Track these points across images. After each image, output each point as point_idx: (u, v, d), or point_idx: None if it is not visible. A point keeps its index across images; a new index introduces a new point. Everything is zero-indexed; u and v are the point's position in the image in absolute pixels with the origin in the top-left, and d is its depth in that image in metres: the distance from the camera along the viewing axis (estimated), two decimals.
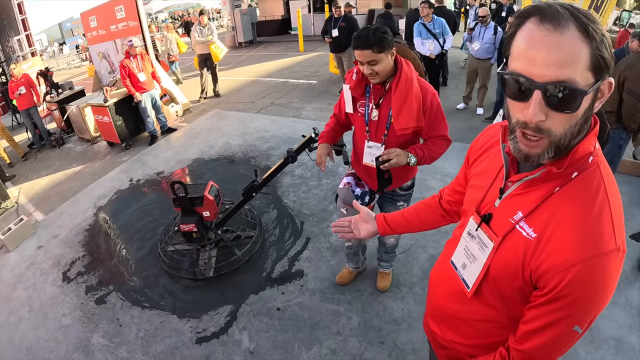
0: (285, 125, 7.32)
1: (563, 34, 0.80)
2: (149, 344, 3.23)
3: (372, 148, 2.55)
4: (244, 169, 5.82)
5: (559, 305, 0.93)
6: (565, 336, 0.98)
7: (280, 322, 3.24)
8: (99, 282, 3.98)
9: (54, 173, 7.01)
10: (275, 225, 4.45)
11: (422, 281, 3.44)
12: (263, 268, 3.83)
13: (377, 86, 2.39)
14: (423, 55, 6.70)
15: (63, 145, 8.34)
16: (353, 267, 3.48)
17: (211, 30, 9.32)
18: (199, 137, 7.36)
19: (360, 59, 2.20)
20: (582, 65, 0.81)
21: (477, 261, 1.14)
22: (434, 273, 1.46)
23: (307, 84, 10.06)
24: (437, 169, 5.12)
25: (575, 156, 0.94)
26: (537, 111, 0.85)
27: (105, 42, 9.26)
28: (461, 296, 1.22)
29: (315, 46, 14.56)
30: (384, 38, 2.14)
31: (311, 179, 5.25)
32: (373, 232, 1.69)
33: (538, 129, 0.88)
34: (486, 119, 6.73)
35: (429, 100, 2.32)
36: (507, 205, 1.08)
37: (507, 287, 1.07)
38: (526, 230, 1.00)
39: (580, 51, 0.80)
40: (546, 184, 0.99)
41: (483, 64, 6.88)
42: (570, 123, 0.87)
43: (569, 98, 0.82)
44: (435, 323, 1.39)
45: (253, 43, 17.63)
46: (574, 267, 0.89)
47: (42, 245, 4.76)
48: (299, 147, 3.31)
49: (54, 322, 3.59)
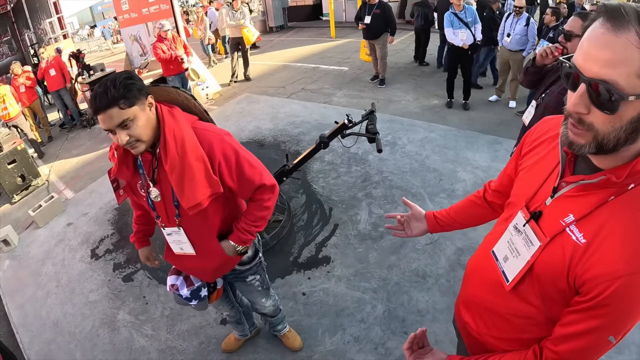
0: (316, 111, 7.31)
1: (618, 35, 0.79)
2: (174, 322, 3.31)
3: (172, 235, 1.97)
4: (274, 153, 5.85)
5: (599, 313, 0.94)
6: (599, 344, 0.99)
7: (305, 307, 3.28)
8: (127, 260, 4.08)
9: (84, 153, 7.20)
10: (304, 210, 4.47)
11: (449, 273, 3.42)
12: (290, 252, 3.87)
13: (146, 156, 1.75)
14: (456, 45, 6.60)
15: (94, 126, 8.56)
16: (239, 334, 2.99)
17: (243, 14, 9.33)
18: (230, 120, 7.41)
19: (108, 126, 1.55)
20: (630, 70, 0.79)
21: (521, 257, 1.14)
22: (472, 262, 1.45)
23: (339, 70, 9.98)
24: (467, 161, 5.06)
25: (636, 168, 0.92)
26: (578, 102, 0.87)
27: (136, 25, 9.37)
28: (499, 289, 1.22)
29: (346, 32, 14.40)
30: (130, 85, 1.54)
31: (341, 166, 5.24)
32: (424, 230, 1.70)
33: (580, 121, 0.89)
34: (519, 112, 6.56)
35: (220, 152, 1.74)
36: (559, 205, 1.07)
37: (550, 288, 1.06)
38: (576, 234, 1.00)
39: (631, 55, 0.78)
40: (602, 191, 0.98)
41: (515, 56, 6.67)
42: (614, 126, 0.85)
43: (608, 98, 0.82)
44: (470, 314, 1.39)
45: (284, 28, 17.55)
46: (620, 279, 0.89)
47: (71, 223, 4.90)
48: (331, 133, 3.31)
49: (81, 298, 3.70)
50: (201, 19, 11.82)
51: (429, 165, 5.07)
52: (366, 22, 7.97)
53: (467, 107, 6.96)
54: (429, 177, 4.79)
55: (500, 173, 1.50)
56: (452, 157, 5.21)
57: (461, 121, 6.45)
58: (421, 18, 9.19)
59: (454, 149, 5.44)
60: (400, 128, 6.19)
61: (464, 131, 5.99)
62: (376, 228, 4.04)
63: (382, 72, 8.45)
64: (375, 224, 4.10)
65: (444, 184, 4.64)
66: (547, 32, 6.16)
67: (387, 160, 5.25)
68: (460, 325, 1.48)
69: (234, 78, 9.82)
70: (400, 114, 6.86)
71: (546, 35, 6.15)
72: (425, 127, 6.17)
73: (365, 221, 4.15)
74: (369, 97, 7.84)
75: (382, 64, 8.35)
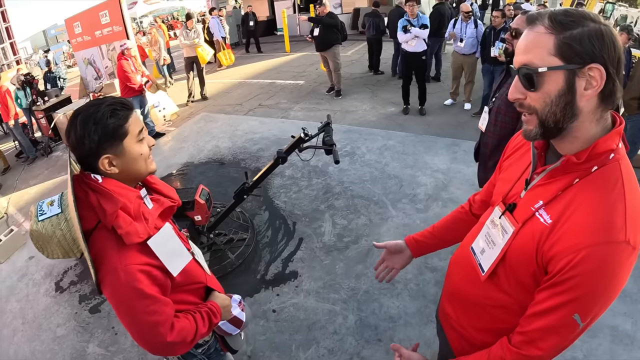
0: (274, 127, 7.30)
1: (533, 28, 0.99)
2: (145, 352, 3.19)
3: None
4: (234, 171, 5.79)
5: (564, 288, 0.98)
6: (566, 323, 1.01)
7: (277, 323, 3.22)
8: (92, 290, 3.93)
9: (42, 182, 6.92)
10: (268, 226, 4.43)
11: (417, 277, 3.44)
12: (257, 270, 3.81)
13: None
14: (409, 52, 6.77)
15: (51, 154, 8.24)
16: None
17: (197, 33, 9.27)
18: (188, 140, 7.31)
19: None
20: (543, 51, 0.96)
21: (496, 246, 1.20)
22: (453, 259, 1.51)
23: (295, 84, 10.04)
24: (427, 165, 5.17)
25: (596, 150, 1.01)
26: (514, 90, 1.04)
27: (90, 48, 9.16)
28: (476, 279, 1.27)
29: (301, 46, 14.52)
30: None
31: (301, 179, 5.23)
32: (408, 257, 1.72)
33: (521, 106, 1.05)
34: (474, 114, 6.75)
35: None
36: (531, 195, 1.14)
37: (522, 273, 1.12)
38: (544, 217, 1.06)
39: (542, 40, 0.96)
40: (567, 176, 1.06)
41: (468, 59, 6.93)
42: (546, 101, 0.99)
43: (529, 76, 0.99)
44: (451, 306, 1.44)
45: (239, 45, 17.53)
46: (583, 250, 0.94)
47: (33, 256, 4.70)
48: (288, 147, 3.30)
49: (48, 334, 3.54)
50: (155, 40, 11.67)
51: (389, 172, 5.13)
52: (315, 35, 8.08)
53: (423, 113, 7.11)
54: (390, 184, 4.84)
55: (486, 185, 1.56)
56: (411, 163, 5.29)
57: (418, 126, 6.57)
58: (373, 28, 9.41)
59: (412, 154, 5.52)
60: (358, 138, 6.25)
61: (422, 136, 6.11)
62: (341, 239, 4.04)
63: (337, 84, 8.55)
64: (340, 234, 4.10)
65: (405, 189, 4.70)
66: (498, 34, 6.39)
67: (348, 171, 5.28)
68: (442, 318, 1.53)
69: (191, 98, 9.70)
70: (358, 124, 6.94)
71: (498, 37, 6.37)
72: (383, 135, 6.26)
73: (330, 233, 4.15)
74: (326, 109, 7.91)
75: (337, 76, 8.46)
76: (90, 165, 1.37)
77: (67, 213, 1.35)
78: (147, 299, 1.35)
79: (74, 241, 1.37)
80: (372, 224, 4.20)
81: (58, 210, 1.35)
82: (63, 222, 1.35)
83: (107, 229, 1.33)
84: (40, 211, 1.35)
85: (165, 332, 1.39)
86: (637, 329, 2.84)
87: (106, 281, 1.33)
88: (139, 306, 1.34)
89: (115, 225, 1.31)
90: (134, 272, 1.33)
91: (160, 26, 14.01)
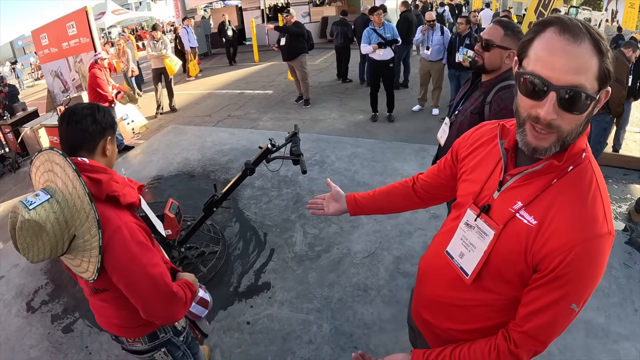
0: (243, 137, 7.27)
1: (580, 45, 0.92)
2: None
3: None
4: (204, 183, 5.73)
5: (559, 284, 1.03)
6: (564, 314, 1.07)
7: (252, 336, 3.20)
8: (64, 309, 3.82)
9: (10, 199, 6.70)
10: (239, 238, 4.40)
11: (389, 283, 3.48)
12: (230, 283, 3.78)
13: None
14: (376, 60, 6.85)
15: (19, 169, 7.98)
16: None
17: (165, 44, 9.16)
18: (157, 153, 7.20)
19: None
20: (592, 75, 0.93)
21: (477, 249, 1.21)
22: (425, 263, 1.50)
23: (264, 94, 10.04)
24: (396, 171, 5.23)
25: (572, 151, 1.06)
26: (551, 110, 0.96)
27: (57, 60, 8.94)
28: (459, 284, 1.28)
29: (270, 56, 14.51)
30: None
31: (271, 190, 5.22)
32: (342, 210, 1.77)
33: (549, 125, 0.99)
34: (442, 119, 6.86)
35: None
36: (506, 196, 1.17)
37: (509, 272, 1.15)
38: (527, 218, 1.09)
39: (591, 62, 0.92)
40: (544, 177, 1.10)
41: (435, 66, 7.09)
42: (577, 123, 0.99)
43: (579, 101, 0.94)
44: (430, 313, 1.43)
45: (208, 55, 17.43)
46: (575, 248, 1.00)
47: (3, 276, 4.54)
48: (256, 159, 3.30)
49: (21, 355, 3.43)
50: (123, 51, 11.49)
51: (359, 179, 5.17)
52: (281, 44, 8.12)
53: (391, 119, 7.21)
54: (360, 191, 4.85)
55: (431, 167, 1.60)
56: (380, 170, 5.35)
57: (387, 133, 6.66)
58: (341, 36, 9.52)
59: (382, 161, 5.59)
60: (327, 146, 6.28)
61: (391, 142, 6.19)
62: (312, 248, 4.04)
63: (305, 93, 8.59)
64: (311, 244, 4.10)
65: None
66: (463, 40, 6.55)
67: (317, 179, 5.30)
68: (420, 324, 1.52)
69: (160, 110, 9.54)
70: (327, 132, 6.98)
71: (463, 42, 6.53)
72: (352, 143, 6.31)
73: (301, 242, 4.14)
74: (295, 118, 7.94)
75: (304, 85, 8.50)
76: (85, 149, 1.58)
77: (58, 196, 1.42)
78: (149, 251, 1.54)
79: (66, 224, 1.42)
80: (343, 232, 4.22)
81: (47, 196, 1.41)
82: (55, 204, 1.41)
83: (100, 200, 1.48)
84: (28, 202, 1.38)
85: (169, 282, 1.56)
86: (610, 322, 2.95)
87: (113, 241, 1.46)
88: (144, 259, 1.50)
89: (111, 190, 1.50)
90: (134, 227, 1.53)
91: (130, 37, 13.78)
